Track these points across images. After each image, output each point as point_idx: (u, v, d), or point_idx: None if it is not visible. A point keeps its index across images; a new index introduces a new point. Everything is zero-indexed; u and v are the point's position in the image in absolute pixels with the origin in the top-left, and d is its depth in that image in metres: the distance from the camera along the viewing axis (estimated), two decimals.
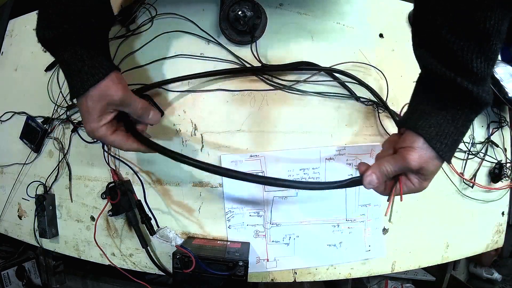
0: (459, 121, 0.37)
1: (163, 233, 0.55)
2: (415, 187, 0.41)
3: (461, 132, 0.37)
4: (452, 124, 0.37)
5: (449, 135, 0.37)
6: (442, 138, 0.37)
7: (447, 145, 0.37)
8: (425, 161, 0.38)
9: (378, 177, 0.40)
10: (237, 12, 0.53)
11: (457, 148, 0.39)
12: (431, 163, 0.38)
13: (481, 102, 0.35)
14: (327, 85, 0.58)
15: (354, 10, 0.61)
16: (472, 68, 0.33)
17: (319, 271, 0.59)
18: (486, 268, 1.21)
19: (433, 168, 0.38)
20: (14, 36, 0.76)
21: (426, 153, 0.37)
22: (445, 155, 0.37)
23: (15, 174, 0.70)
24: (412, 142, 0.38)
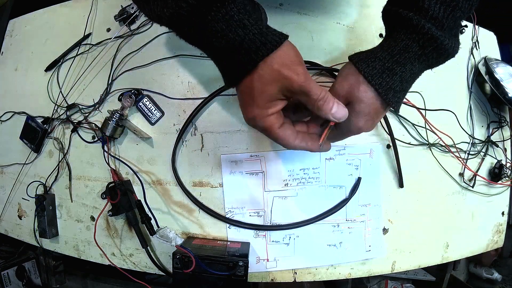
0: (395, 48, 0.33)
1: (163, 233, 0.55)
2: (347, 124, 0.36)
3: (396, 60, 0.33)
4: (385, 51, 0.34)
5: (379, 59, 0.34)
6: (371, 61, 0.34)
7: (374, 68, 0.33)
8: (350, 84, 0.34)
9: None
10: None
11: (397, 81, 0.34)
12: (358, 87, 0.34)
13: (424, 31, 0.32)
14: (327, 85, 0.58)
15: (354, 10, 0.61)
16: (424, 4, 0.32)
17: (319, 271, 0.59)
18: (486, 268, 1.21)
19: (362, 95, 0.34)
20: (14, 36, 0.76)
21: (352, 77, 0.34)
22: (373, 79, 0.33)
23: (15, 174, 0.70)
24: (342, 69, 0.36)
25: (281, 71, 0.31)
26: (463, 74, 0.69)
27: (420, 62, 0.35)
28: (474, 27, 0.70)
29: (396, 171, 0.61)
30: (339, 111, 0.34)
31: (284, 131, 0.35)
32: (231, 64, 0.32)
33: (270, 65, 0.31)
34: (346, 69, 0.36)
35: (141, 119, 0.60)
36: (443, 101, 0.64)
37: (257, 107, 0.33)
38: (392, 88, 0.34)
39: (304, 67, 0.33)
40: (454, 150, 0.65)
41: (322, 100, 0.33)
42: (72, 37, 0.66)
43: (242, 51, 0.30)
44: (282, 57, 0.31)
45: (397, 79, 0.34)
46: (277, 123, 0.34)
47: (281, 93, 0.33)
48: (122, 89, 0.60)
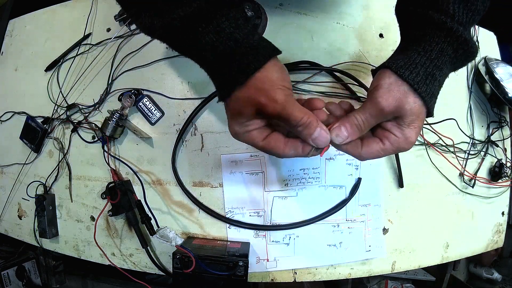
0: (432, 52, 0.32)
1: (163, 233, 0.55)
2: (398, 138, 0.34)
3: (435, 65, 0.32)
4: (424, 55, 0.32)
5: (420, 65, 0.32)
6: (412, 67, 0.32)
7: (418, 74, 0.32)
8: (397, 98, 0.32)
9: (348, 129, 0.34)
10: None
11: (437, 87, 0.34)
12: (406, 99, 0.32)
13: (458, 35, 0.32)
14: (327, 85, 0.58)
15: (354, 10, 0.61)
16: (448, 10, 0.32)
17: (319, 271, 0.59)
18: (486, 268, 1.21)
19: (411, 106, 0.32)
20: (14, 36, 0.76)
21: (397, 88, 0.32)
22: (419, 87, 0.32)
23: (15, 174, 0.70)
24: (379, 80, 0.33)
25: (256, 97, 0.31)
26: (463, 74, 0.69)
27: (451, 66, 0.35)
28: (474, 27, 0.70)
29: (396, 171, 0.61)
30: (321, 137, 0.33)
31: (269, 143, 0.34)
32: (220, 79, 0.32)
33: (247, 88, 0.31)
34: (386, 78, 0.33)
35: (141, 119, 0.60)
36: (443, 101, 0.64)
37: (238, 124, 0.33)
38: (434, 94, 0.34)
39: (284, 91, 0.32)
40: (454, 151, 0.65)
41: (302, 126, 0.32)
42: (72, 37, 0.66)
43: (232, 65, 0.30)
44: (261, 81, 0.31)
45: (437, 84, 0.34)
46: (260, 137, 0.34)
47: (258, 115, 0.33)
48: (122, 89, 0.60)
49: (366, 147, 0.35)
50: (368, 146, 0.35)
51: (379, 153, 0.35)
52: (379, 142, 0.35)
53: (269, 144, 0.34)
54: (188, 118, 0.57)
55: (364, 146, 0.35)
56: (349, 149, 0.36)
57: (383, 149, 0.35)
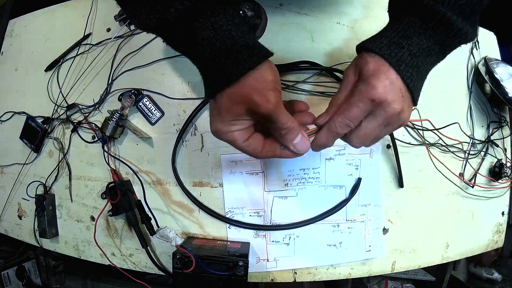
0: (399, 25, 0.33)
1: (163, 233, 0.55)
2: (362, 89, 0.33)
3: (402, 35, 0.32)
4: (390, 29, 0.33)
5: (384, 37, 0.33)
6: (377, 39, 0.33)
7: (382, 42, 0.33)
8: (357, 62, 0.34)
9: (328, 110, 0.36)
10: None
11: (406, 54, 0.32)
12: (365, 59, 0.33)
13: (425, 6, 0.31)
14: (327, 85, 0.58)
15: (354, 10, 0.61)
16: None
17: (319, 271, 0.59)
18: (486, 268, 1.21)
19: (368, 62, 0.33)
20: (14, 36, 0.76)
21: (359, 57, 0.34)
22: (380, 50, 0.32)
23: (15, 174, 0.70)
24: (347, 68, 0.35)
25: (251, 95, 0.31)
26: (463, 74, 0.69)
27: (428, 37, 0.33)
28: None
29: (396, 171, 0.61)
30: (301, 144, 0.34)
31: (248, 145, 0.35)
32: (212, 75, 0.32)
33: (242, 86, 0.31)
34: (354, 60, 0.35)
35: (141, 119, 0.60)
36: (443, 101, 0.64)
37: (222, 122, 0.33)
38: (402, 60, 0.32)
39: (276, 93, 0.32)
40: (454, 151, 0.65)
41: (286, 130, 0.33)
42: (72, 37, 0.66)
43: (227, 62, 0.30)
44: (257, 80, 0.31)
45: (406, 52, 0.32)
46: (241, 138, 0.34)
47: (247, 114, 0.33)
48: (122, 89, 0.60)
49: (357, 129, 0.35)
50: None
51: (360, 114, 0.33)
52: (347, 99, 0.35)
53: (249, 145, 0.35)
54: (188, 118, 0.57)
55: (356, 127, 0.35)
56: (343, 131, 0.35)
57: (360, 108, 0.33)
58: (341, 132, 0.35)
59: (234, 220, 0.57)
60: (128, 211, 0.57)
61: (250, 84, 0.31)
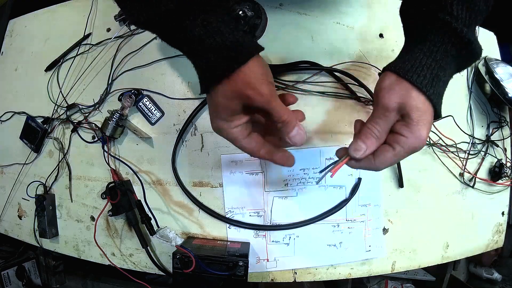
0: (437, 53, 0.33)
1: (163, 233, 0.55)
2: (408, 137, 0.33)
3: (440, 66, 0.33)
4: (429, 56, 0.33)
5: (426, 67, 0.33)
6: (419, 70, 0.32)
7: (425, 77, 0.32)
8: (400, 95, 0.33)
9: (364, 141, 0.35)
10: (237, 12, 0.53)
11: (441, 87, 0.34)
12: (410, 95, 0.32)
13: (462, 35, 0.32)
14: (327, 85, 0.58)
15: (354, 10, 0.61)
16: (452, 11, 0.32)
17: (319, 271, 0.59)
18: (486, 268, 1.21)
19: (416, 101, 0.32)
20: (14, 36, 0.76)
21: (398, 86, 0.33)
22: (425, 87, 0.32)
23: (15, 174, 0.70)
24: (381, 81, 0.34)
25: (243, 90, 0.31)
26: (463, 74, 0.69)
27: (455, 66, 0.35)
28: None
29: (396, 171, 0.61)
30: (298, 136, 0.35)
31: (249, 143, 0.36)
32: (205, 72, 0.33)
33: (234, 82, 0.31)
34: (387, 80, 0.34)
35: (141, 119, 0.60)
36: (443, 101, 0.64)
37: (221, 119, 0.34)
38: (440, 95, 0.34)
39: (269, 86, 0.32)
40: (454, 151, 0.65)
41: (282, 123, 0.34)
42: (72, 37, 0.66)
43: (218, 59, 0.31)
44: (248, 75, 0.31)
45: (442, 85, 0.34)
46: (242, 135, 0.35)
47: (244, 110, 0.34)
48: (122, 89, 0.60)
49: (378, 157, 0.35)
50: (380, 155, 0.35)
51: (393, 159, 0.35)
52: (389, 148, 0.35)
53: (250, 143, 0.36)
54: (188, 118, 0.57)
55: (376, 157, 0.36)
56: (363, 165, 0.37)
57: (395, 154, 0.35)
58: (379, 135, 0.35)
59: (234, 220, 0.57)
60: (128, 211, 0.57)
61: (242, 79, 0.31)
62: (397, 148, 0.34)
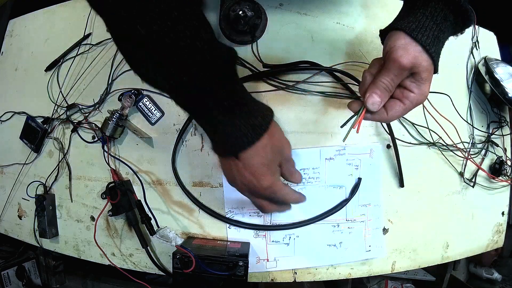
0: (438, 17, 0.36)
1: (163, 233, 0.55)
2: (416, 94, 0.38)
3: (440, 29, 0.36)
4: (431, 19, 0.36)
5: (429, 29, 0.36)
6: (423, 30, 0.36)
7: (429, 37, 0.36)
8: (413, 56, 0.36)
9: (379, 95, 0.37)
10: (237, 12, 0.53)
11: (441, 47, 0.38)
12: (420, 57, 0.36)
13: (460, 4, 0.36)
14: (327, 85, 0.58)
15: (354, 10, 0.61)
16: None
17: (319, 271, 0.59)
18: (486, 268, 1.21)
19: (425, 64, 0.36)
20: (14, 36, 0.76)
21: (411, 47, 0.36)
22: (430, 48, 0.36)
23: (15, 174, 0.70)
24: (394, 40, 0.37)
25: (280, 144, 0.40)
26: (463, 74, 0.69)
27: (452, 30, 0.39)
28: (474, 27, 0.70)
29: (396, 171, 0.61)
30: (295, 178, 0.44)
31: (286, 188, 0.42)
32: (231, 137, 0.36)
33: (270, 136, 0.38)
34: (401, 39, 0.36)
35: (141, 119, 0.60)
36: (443, 101, 0.64)
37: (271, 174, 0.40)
38: (439, 54, 0.38)
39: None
40: (454, 150, 0.65)
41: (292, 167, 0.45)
42: (72, 37, 0.66)
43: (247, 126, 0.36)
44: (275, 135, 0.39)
45: (441, 46, 0.38)
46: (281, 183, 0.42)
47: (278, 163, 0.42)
48: (122, 89, 0.60)
49: (391, 111, 0.39)
50: (392, 109, 0.39)
51: (403, 112, 0.39)
52: (400, 102, 0.39)
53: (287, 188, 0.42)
54: (188, 118, 0.57)
55: (389, 110, 0.39)
56: (377, 117, 0.40)
57: (404, 108, 0.39)
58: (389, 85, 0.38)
59: (234, 220, 0.57)
60: (128, 211, 0.57)
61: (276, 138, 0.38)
62: (406, 102, 0.38)
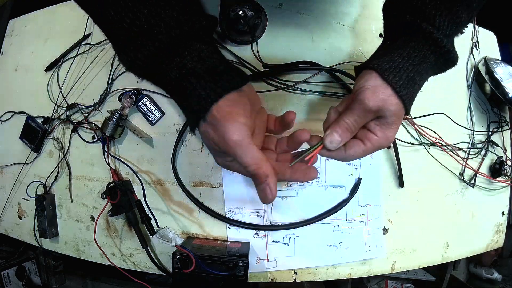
0: (416, 58, 0.34)
1: (163, 233, 0.55)
2: (379, 137, 0.36)
3: (417, 71, 0.34)
4: (407, 61, 0.34)
5: (403, 70, 0.34)
6: (396, 71, 0.34)
7: (401, 78, 0.34)
8: (381, 99, 0.34)
9: (340, 134, 0.36)
10: (237, 12, 0.53)
11: (416, 90, 0.36)
12: (389, 101, 0.34)
13: (442, 45, 0.34)
14: (327, 85, 0.58)
15: (354, 10, 0.61)
16: (434, 22, 0.33)
17: (319, 271, 0.59)
18: (486, 268, 1.21)
19: (393, 108, 0.34)
20: (14, 36, 0.76)
21: (380, 89, 0.34)
22: (401, 91, 0.33)
23: (15, 174, 0.70)
24: (365, 81, 0.35)
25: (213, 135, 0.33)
26: (463, 74, 0.69)
27: (431, 71, 0.37)
28: (474, 27, 0.70)
29: (396, 171, 0.61)
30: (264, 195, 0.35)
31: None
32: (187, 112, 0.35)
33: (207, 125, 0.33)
34: (371, 80, 0.35)
35: (141, 119, 0.60)
36: (443, 101, 0.64)
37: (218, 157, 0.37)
38: (413, 98, 0.36)
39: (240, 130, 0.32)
40: (454, 149, 0.65)
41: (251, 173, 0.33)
42: (72, 37, 0.66)
43: (193, 100, 0.32)
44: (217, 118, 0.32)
45: (416, 89, 0.36)
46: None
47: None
48: (122, 89, 0.60)
49: (349, 150, 0.37)
50: (351, 148, 0.37)
51: (362, 154, 0.37)
52: (361, 143, 0.37)
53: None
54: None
55: (348, 149, 0.37)
56: (333, 154, 0.38)
57: (365, 149, 0.37)
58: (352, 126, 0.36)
59: (234, 220, 0.57)
60: (128, 211, 0.57)
61: (212, 123, 0.32)
62: (368, 144, 0.37)
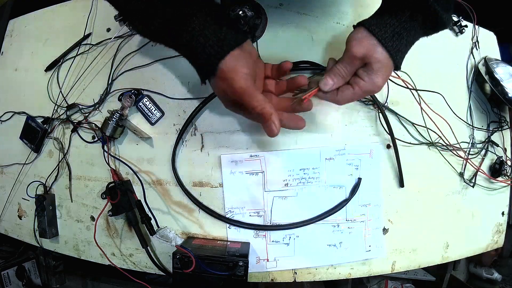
0: (403, 16, 0.39)
1: (163, 233, 0.55)
2: (366, 82, 0.41)
3: (404, 27, 0.39)
4: (394, 18, 0.39)
5: (389, 25, 0.39)
6: (382, 26, 0.39)
7: (387, 32, 0.38)
8: (366, 48, 0.39)
9: (332, 78, 0.42)
10: (237, 12, 0.53)
11: (403, 45, 0.40)
12: (373, 49, 0.39)
13: (428, 4, 0.37)
14: None
15: (354, 10, 0.61)
16: None
17: (319, 271, 0.59)
18: (486, 268, 1.21)
19: (378, 56, 0.39)
20: (14, 36, 0.76)
21: (367, 40, 0.39)
22: (386, 42, 0.38)
23: (15, 174, 0.70)
24: (354, 33, 0.41)
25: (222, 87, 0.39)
26: (463, 74, 0.69)
27: (421, 30, 0.41)
28: (474, 27, 0.70)
29: (396, 171, 0.61)
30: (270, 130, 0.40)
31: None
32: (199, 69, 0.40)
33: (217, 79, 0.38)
34: (359, 33, 0.40)
35: (141, 119, 0.60)
36: (442, 101, 0.64)
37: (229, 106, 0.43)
38: (399, 50, 0.40)
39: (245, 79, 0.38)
40: (453, 149, 0.65)
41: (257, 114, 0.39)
42: (72, 37, 0.66)
43: (202, 58, 0.37)
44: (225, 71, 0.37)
45: (403, 43, 0.40)
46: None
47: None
48: (122, 89, 0.60)
49: (341, 93, 0.44)
50: (342, 92, 0.43)
51: (351, 97, 0.43)
52: (350, 87, 0.43)
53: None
54: (188, 118, 0.57)
55: (339, 92, 0.44)
56: (328, 97, 0.44)
57: (353, 93, 0.43)
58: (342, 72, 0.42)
59: (234, 220, 0.57)
60: (128, 211, 0.57)
61: (221, 77, 0.38)
62: (356, 88, 0.42)
